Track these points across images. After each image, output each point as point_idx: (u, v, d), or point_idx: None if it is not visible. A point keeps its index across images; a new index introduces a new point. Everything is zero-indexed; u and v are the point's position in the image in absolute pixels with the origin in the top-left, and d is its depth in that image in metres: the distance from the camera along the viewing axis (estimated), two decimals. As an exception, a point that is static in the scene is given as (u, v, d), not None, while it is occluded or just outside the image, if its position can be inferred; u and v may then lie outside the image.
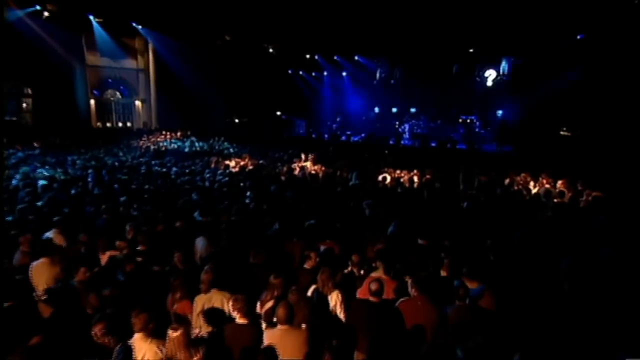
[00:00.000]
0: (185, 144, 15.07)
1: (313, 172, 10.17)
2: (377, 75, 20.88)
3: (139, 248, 4.64)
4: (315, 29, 16.85)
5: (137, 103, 22.43)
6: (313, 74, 22.43)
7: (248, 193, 7.57)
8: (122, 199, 6.63)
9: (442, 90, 18.83)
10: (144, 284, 3.95)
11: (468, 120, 17.30)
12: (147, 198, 6.91)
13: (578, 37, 13.22)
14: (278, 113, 21.97)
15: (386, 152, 13.83)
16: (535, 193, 8.01)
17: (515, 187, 8.50)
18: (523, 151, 12.52)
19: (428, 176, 9.50)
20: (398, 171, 10.01)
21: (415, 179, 9.42)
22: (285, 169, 10.24)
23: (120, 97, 21.87)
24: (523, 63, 14.49)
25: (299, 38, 18.75)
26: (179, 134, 19.22)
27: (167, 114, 22.09)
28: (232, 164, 10.65)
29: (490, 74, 17.48)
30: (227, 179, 8.53)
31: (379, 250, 4.65)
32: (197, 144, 14.95)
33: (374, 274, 4.21)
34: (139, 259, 4.37)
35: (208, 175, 8.87)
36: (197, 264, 4.70)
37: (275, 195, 7.51)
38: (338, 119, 20.28)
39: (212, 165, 9.96)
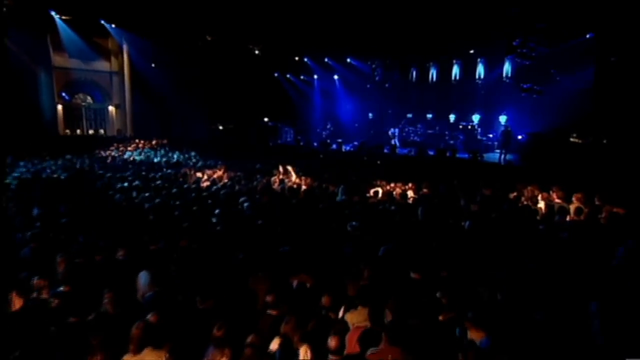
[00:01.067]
0: (158, 154, 14.29)
1: (295, 185, 9.51)
2: (373, 78, 20.77)
3: (60, 289, 3.86)
4: (304, 28, 16.67)
5: (111, 108, 21.82)
6: (301, 77, 22.20)
7: (217, 211, 6.86)
8: (62, 220, 5.84)
9: (441, 94, 18.66)
10: (56, 342, 3.17)
11: (469, 127, 16.77)
12: (95, 219, 6.13)
13: (587, 35, 12.77)
14: (266, 119, 21.42)
15: (378, 162, 13.23)
16: (546, 209, 7.35)
17: (524, 202, 7.88)
18: (530, 160, 12.04)
19: (425, 190, 8.85)
20: (392, 184, 9.32)
21: (410, 193, 8.81)
22: (264, 181, 9.52)
23: (91, 101, 21.16)
24: (528, 64, 13.79)
25: (286, 38, 18.53)
26: (154, 142, 18.43)
27: (143, 121, 21.58)
28: (204, 177, 9.92)
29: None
30: (194, 194, 7.81)
31: (361, 287, 3.95)
32: (171, 155, 14.19)
33: (357, 321, 3.49)
34: (56, 301, 3.58)
35: (174, 191, 8.15)
36: (138, 305, 3.93)
37: (247, 215, 6.82)
38: (328, 126, 20.02)
39: (180, 179, 9.24)
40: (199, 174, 10.11)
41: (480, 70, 17.46)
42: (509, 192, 8.72)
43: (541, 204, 7.58)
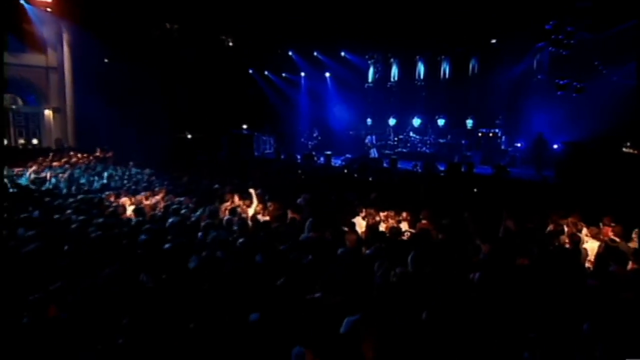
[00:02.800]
0: (89, 172, 13.14)
1: (256, 215, 8.48)
2: (370, 76, 20.63)
3: None
4: (288, 14, 16.41)
5: (47, 113, 20.85)
6: (283, 74, 21.82)
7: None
8: None
9: (455, 94, 18.45)
10: None
11: (490, 134, 16.54)
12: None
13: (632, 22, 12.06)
14: (244, 126, 20.58)
15: (370, 179, 12.39)
16: (595, 252, 6.13)
17: (563, 241, 6.68)
18: (569, 177, 11.24)
19: (424, 221, 7.67)
20: (382, 213, 8.14)
21: (404, 226, 7.62)
22: (209, 211, 8.32)
23: (21, 104, 20.11)
24: (565, 54, 13.43)
25: (267, 27, 18.18)
26: (97, 154, 17.44)
27: (90, 129, 20.62)
28: (130, 204, 8.72)
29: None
30: (99, 232, 6.57)
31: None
32: (107, 172, 13.07)
33: None
34: None
35: (74, 226, 6.94)
36: None
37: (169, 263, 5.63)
38: (315, 134, 19.67)
39: (94, 210, 8.07)
40: (125, 201, 8.89)
41: (505, 63, 17.09)
42: (542, 223, 7.67)
43: (588, 244, 6.47)
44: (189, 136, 21.59)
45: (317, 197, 10.04)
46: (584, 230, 7.00)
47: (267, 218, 8.34)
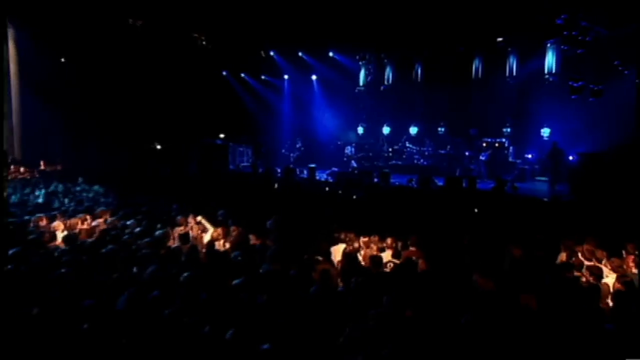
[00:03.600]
0: (22, 190, 12.56)
1: (213, 242, 7.99)
2: (362, 78, 20.70)
3: None
4: (270, 9, 16.36)
5: (-10, 121, 20.15)
6: (263, 77, 21.82)
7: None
8: None
9: (457, 99, 18.46)
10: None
11: (496, 144, 16.34)
12: None
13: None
14: (222, 136, 20.60)
15: (354, 197, 12.12)
16: (615, 288, 5.71)
17: (582, 276, 6.26)
18: (585, 194, 11.04)
19: (412, 248, 7.36)
20: (363, 238, 7.80)
21: (387, 255, 7.18)
22: (160, 235, 7.83)
23: (-42, 111, 19.57)
24: (580, 54, 13.41)
25: (245, 24, 18.06)
26: (42, 167, 17.18)
27: (40, 139, 20.34)
28: (62, 229, 8.16)
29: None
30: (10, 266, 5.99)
31: None
32: (45, 190, 12.49)
33: None
34: None
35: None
36: None
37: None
38: (298, 145, 19.37)
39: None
40: (58, 225, 8.31)
41: (512, 64, 17.27)
42: (553, 250, 7.36)
43: (609, 278, 6.05)
44: (158, 147, 21.11)
45: (290, 219, 9.65)
46: (605, 262, 6.61)
47: (228, 245, 7.95)
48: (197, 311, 5.08)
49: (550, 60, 15.64)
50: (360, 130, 20.45)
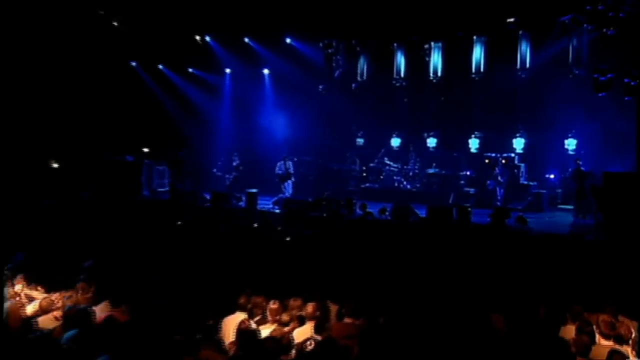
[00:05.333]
0: None
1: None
2: (331, 72, 20.56)
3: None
4: None
5: None
6: (190, 70, 21.47)
7: None
8: None
9: (453, 101, 18.64)
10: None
11: (502, 160, 16.30)
12: None
13: None
14: (146, 150, 20.33)
15: (287, 239, 11.98)
16: None
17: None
18: (612, 230, 10.81)
19: (347, 319, 6.84)
20: (273, 304, 7.17)
21: (307, 329, 6.62)
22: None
23: None
24: (611, 36, 13.46)
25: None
26: None
27: None
28: None
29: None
30: None
31: None
32: None
33: None
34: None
35: None
36: None
37: None
38: (235, 163, 18.86)
39: None
40: None
41: (524, 53, 17.30)
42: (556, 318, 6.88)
43: None
44: (55, 165, 20.53)
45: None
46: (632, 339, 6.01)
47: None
48: None
49: (575, 45, 15.67)
50: (325, 142, 20.42)
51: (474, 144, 17.46)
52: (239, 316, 6.99)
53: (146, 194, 18.17)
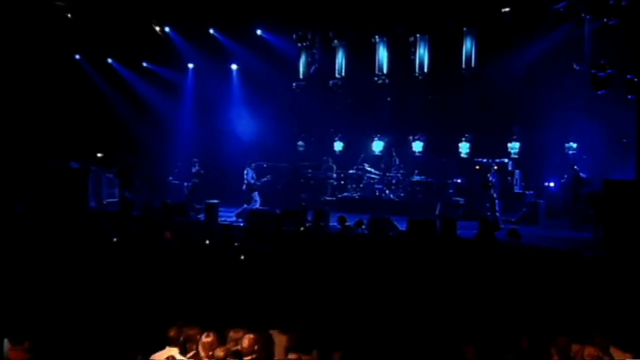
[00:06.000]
0: None
1: None
2: (302, 68, 20.89)
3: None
4: None
5: None
6: (145, 64, 21.43)
7: None
8: None
9: (440, 100, 18.90)
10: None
11: (495, 167, 16.26)
12: None
13: None
14: (99, 155, 20.28)
15: (242, 257, 11.72)
16: None
17: None
18: (614, 246, 10.91)
19: (291, 356, 6.53)
20: (207, 337, 6.59)
21: None
22: None
23: None
24: (613, 26, 13.55)
25: None
26: None
27: None
28: None
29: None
30: None
31: None
32: None
33: None
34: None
35: None
36: None
37: None
38: (195, 169, 18.66)
39: None
40: None
41: (519, 46, 17.45)
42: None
43: None
44: None
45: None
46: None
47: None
48: None
49: (572, 39, 15.66)
50: (299, 145, 20.32)
51: (464, 148, 17.53)
52: (169, 351, 6.62)
53: (92, 206, 18.09)
